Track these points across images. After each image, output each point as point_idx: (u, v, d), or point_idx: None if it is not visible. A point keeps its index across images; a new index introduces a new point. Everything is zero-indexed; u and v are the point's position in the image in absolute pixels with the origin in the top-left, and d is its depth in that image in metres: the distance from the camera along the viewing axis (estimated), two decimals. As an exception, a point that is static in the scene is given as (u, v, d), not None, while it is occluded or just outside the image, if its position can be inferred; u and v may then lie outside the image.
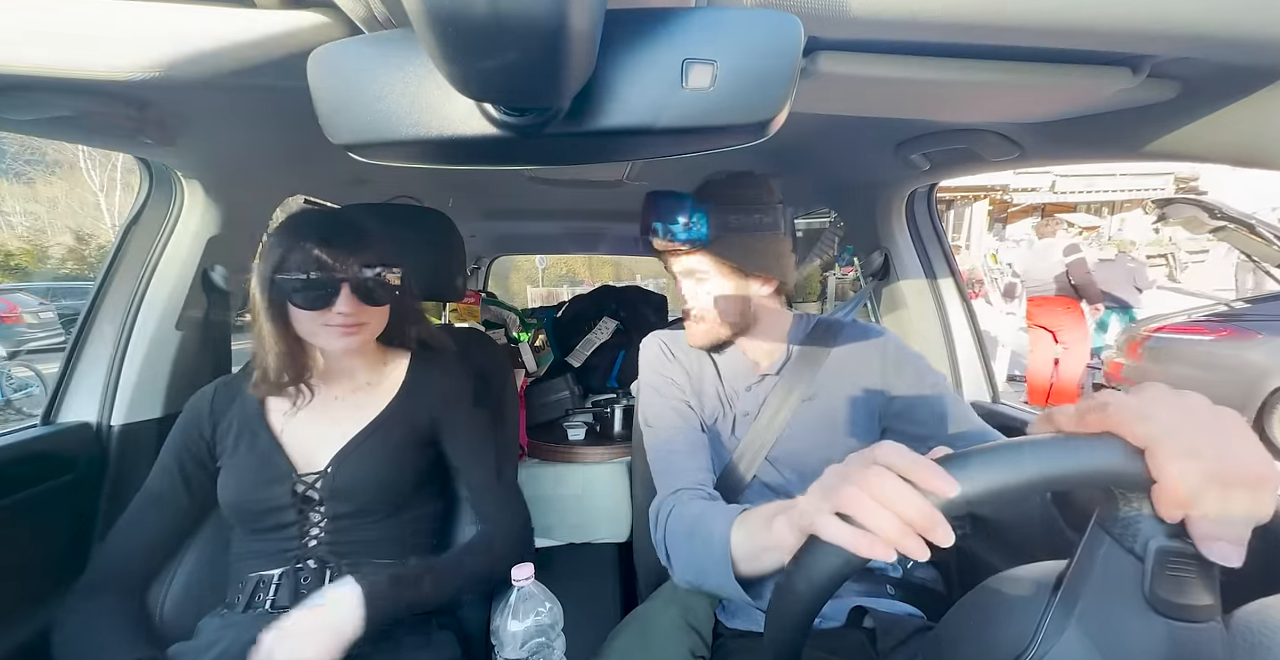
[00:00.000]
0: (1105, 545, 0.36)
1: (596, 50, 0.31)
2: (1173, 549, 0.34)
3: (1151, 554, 0.34)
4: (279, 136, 0.88)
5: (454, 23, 0.26)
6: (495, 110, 0.34)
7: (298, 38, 0.42)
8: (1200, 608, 0.34)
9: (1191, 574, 0.34)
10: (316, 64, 0.35)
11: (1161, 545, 0.34)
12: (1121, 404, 0.34)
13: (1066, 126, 0.68)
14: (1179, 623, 0.34)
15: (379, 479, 0.80)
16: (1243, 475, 0.32)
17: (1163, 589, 0.34)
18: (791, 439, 0.82)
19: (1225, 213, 3.01)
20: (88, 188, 17.43)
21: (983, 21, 0.41)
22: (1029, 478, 0.34)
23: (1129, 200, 14.07)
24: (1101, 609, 0.36)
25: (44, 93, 0.56)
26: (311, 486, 0.78)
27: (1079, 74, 0.52)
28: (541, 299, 7.95)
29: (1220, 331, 3.44)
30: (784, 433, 0.82)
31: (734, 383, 0.87)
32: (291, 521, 0.77)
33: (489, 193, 1.72)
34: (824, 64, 0.50)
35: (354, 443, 0.80)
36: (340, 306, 0.73)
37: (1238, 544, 0.32)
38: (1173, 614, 0.34)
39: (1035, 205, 14.05)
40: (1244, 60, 0.46)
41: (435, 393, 0.88)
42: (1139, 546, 0.35)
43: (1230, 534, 0.32)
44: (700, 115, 0.34)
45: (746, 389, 0.86)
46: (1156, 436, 0.33)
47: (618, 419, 1.53)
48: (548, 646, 0.73)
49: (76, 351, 0.94)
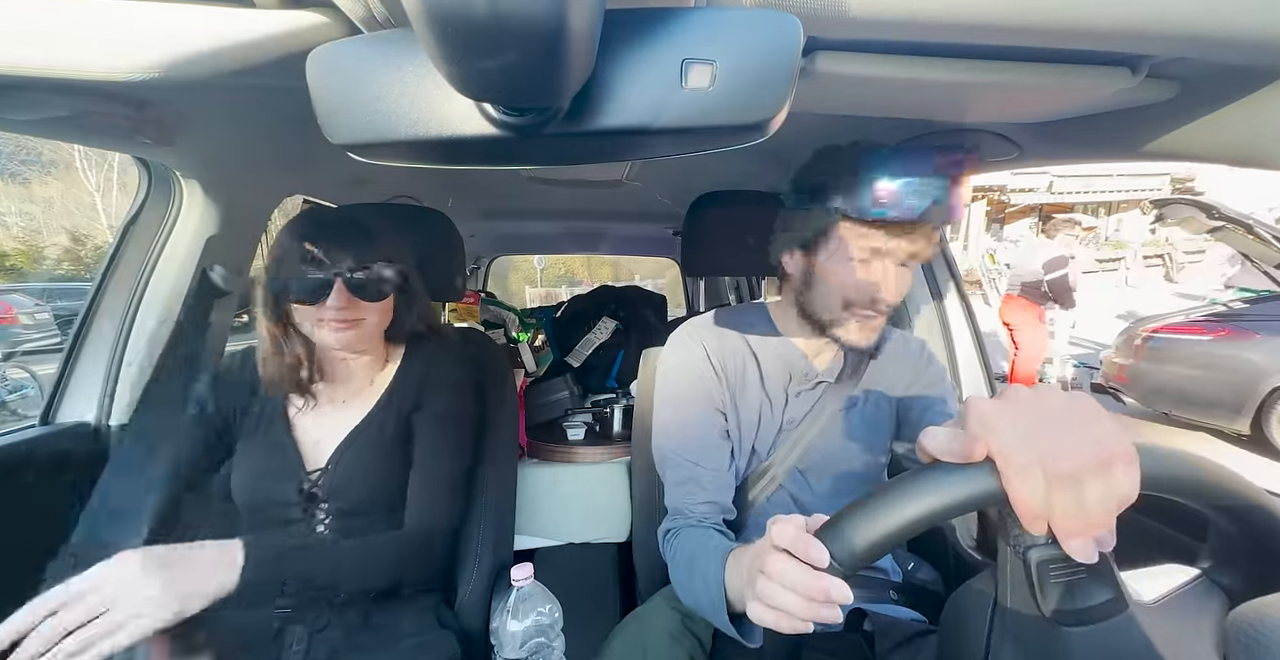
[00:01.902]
0: (1010, 561, 0.37)
1: (596, 50, 0.31)
2: (1051, 557, 0.34)
3: (1034, 567, 0.35)
4: (278, 136, 0.88)
5: (453, 22, 0.26)
6: (494, 110, 0.34)
7: (297, 37, 0.42)
8: (1100, 606, 0.34)
9: (1080, 576, 0.34)
10: (315, 64, 0.35)
11: (1041, 556, 0.34)
12: (977, 419, 0.34)
13: (1065, 126, 0.68)
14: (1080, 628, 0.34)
15: (373, 476, 0.80)
16: (1084, 466, 0.31)
17: (1056, 599, 0.34)
18: (822, 447, 0.79)
19: (1223, 213, 3.01)
20: (84, 188, 17.30)
21: (982, 22, 0.41)
22: (898, 525, 0.35)
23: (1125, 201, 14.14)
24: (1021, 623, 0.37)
25: (43, 93, 0.56)
26: (316, 484, 0.79)
27: (1078, 74, 0.52)
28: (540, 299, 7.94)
29: (1219, 331, 3.43)
30: (817, 440, 0.78)
31: (784, 387, 0.80)
32: (298, 518, 0.78)
33: (488, 193, 1.72)
34: (823, 64, 0.50)
35: (348, 440, 0.81)
36: (333, 301, 0.73)
37: (1098, 534, 0.32)
38: (1072, 622, 0.34)
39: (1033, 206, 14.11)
40: (1243, 60, 0.46)
41: (418, 386, 0.87)
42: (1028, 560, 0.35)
43: (1086, 528, 0.31)
44: (700, 115, 0.34)
45: (797, 394, 0.80)
46: (998, 452, 0.32)
47: (617, 419, 1.53)
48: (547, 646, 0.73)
49: (75, 351, 0.94)
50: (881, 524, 0.35)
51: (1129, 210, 14.11)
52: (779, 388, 0.80)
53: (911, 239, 0.67)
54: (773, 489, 0.79)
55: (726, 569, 0.58)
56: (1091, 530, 0.32)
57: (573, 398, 1.60)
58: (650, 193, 1.59)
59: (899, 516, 0.35)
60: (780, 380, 0.80)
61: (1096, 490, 0.31)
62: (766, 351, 0.81)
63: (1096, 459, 0.31)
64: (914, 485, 0.35)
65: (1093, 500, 0.31)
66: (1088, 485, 0.31)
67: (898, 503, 0.35)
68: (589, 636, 0.79)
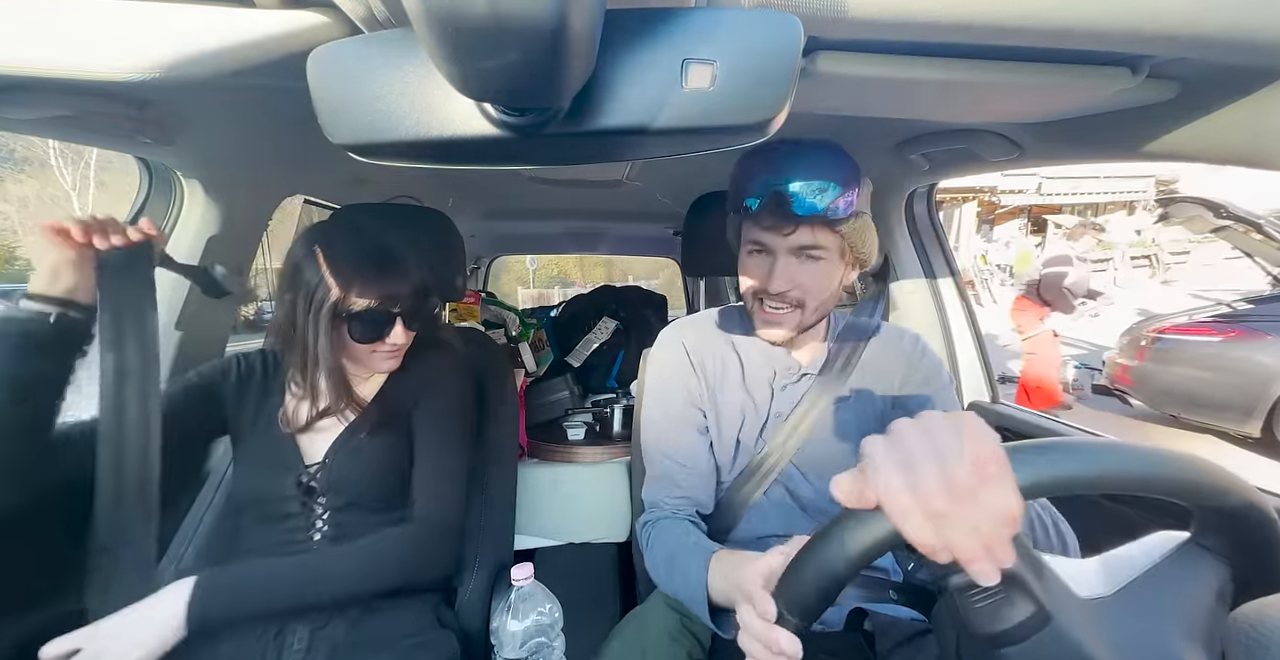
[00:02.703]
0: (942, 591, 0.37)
1: (596, 50, 0.31)
2: (965, 583, 0.34)
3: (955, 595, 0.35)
4: (279, 136, 0.88)
5: (454, 23, 0.26)
6: (495, 110, 0.34)
7: (298, 37, 0.42)
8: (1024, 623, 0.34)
9: (997, 596, 0.34)
10: (316, 64, 0.35)
11: (957, 583, 0.35)
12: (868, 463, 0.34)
13: (1066, 126, 0.68)
14: (1013, 648, 0.34)
15: (370, 470, 0.81)
16: (957, 498, 0.31)
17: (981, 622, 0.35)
18: (817, 443, 0.80)
19: (1232, 212, 2.92)
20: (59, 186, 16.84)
21: (982, 22, 0.41)
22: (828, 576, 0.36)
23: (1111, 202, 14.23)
24: (969, 648, 0.37)
25: (44, 93, 0.56)
26: (314, 478, 0.79)
27: (1079, 74, 0.52)
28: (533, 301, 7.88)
29: (1228, 332, 3.34)
30: (811, 436, 0.79)
31: (768, 381, 0.82)
32: (296, 512, 0.79)
33: (489, 193, 1.72)
34: (823, 64, 0.50)
35: (345, 435, 0.82)
36: (395, 338, 0.77)
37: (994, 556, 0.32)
38: (1004, 642, 0.34)
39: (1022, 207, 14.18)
40: (1243, 60, 0.46)
41: (415, 382, 0.88)
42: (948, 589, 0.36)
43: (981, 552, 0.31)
44: (700, 115, 0.34)
45: (783, 388, 0.82)
46: (881, 498, 0.33)
47: (617, 419, 1.53)
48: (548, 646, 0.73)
49: (76, 351, 0.94)
50: (812, 575, 0.36)
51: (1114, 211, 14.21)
52: (764, 382, 0.82)
53: (793, 234, 0.69)
54: (768, 485, 0.80)
55: (710, 570, 0.62)
56: (987, 554, 0.31)
57: (573, 398, 1.60)
58: (651, 193, 1.59)
59: (827, 568, 0.36)
60: (765, 375, 0.82)
61: (975, 517, 0.31)
62: (749, 349, 0.84)
63: (965, 488, 0.31)
64: (831, 535, 0.36)
65: (978, 526, 0.31)
66: (965, 515, 0.31)
67: (822, 553, 0.36)
68: (589, 636, 0.79)
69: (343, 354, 0.79)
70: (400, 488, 0.84)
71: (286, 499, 0.78)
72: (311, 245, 0.76)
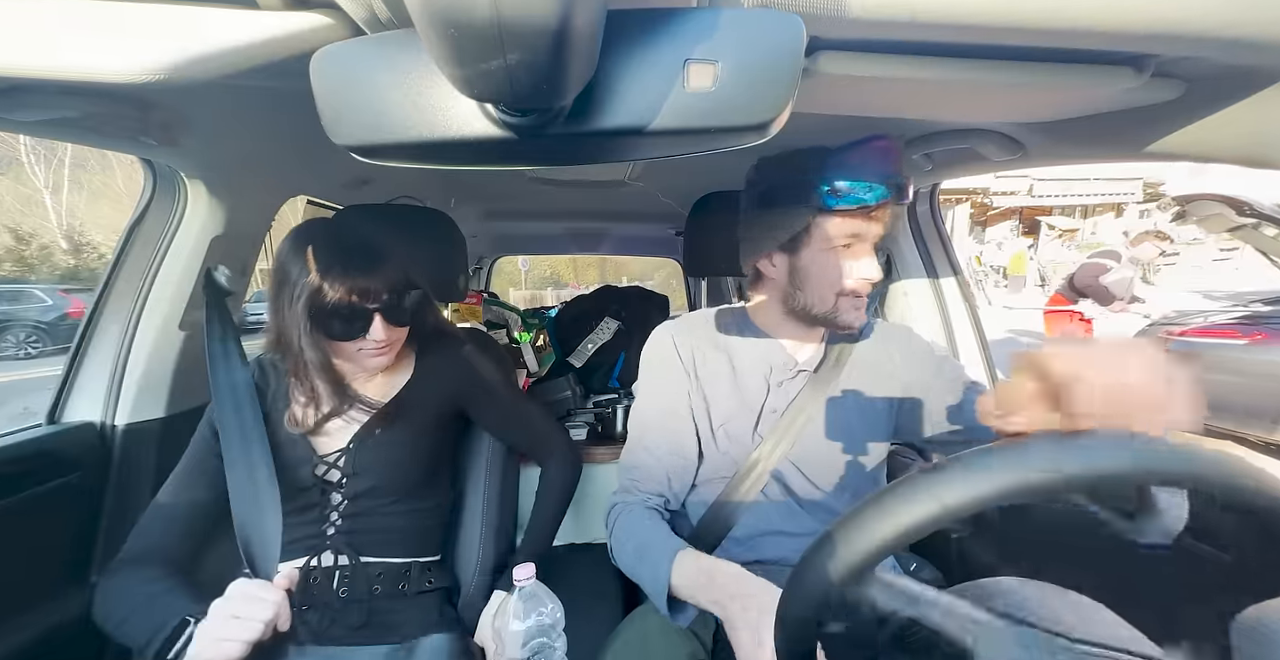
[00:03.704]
0: None
1: (598, 51, 0.31)
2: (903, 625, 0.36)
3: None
4: (282, 137, 0.88)
5: (456, 24, 0.26)
6: (497, 111, 0.34)
7: (301, 39, 0.42)
8: None
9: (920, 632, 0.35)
10: (319, 65, 0.35)
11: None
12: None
13: (1070, 126, 0.67)
14: None
15: (396, 458, 0.83)
16: None
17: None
18: (813, 439, 0.80)
19: (1257, 210, 2.71)
20: (31, 186, 16.68)
21: (985, 21, 0.41)
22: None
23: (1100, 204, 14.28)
24: None
25: (49, 95, 0.56)
26: (334, 466, 0.81)
27: (1082, 74, 0.52)
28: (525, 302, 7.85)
29: (1254, 335, 3.18)
30: (806, 431, 0.80)
31: (764, 377, 0.83)
32: (314, 503, 0.80)
33: (491, 193, 1.72)
34: (826, 64, 0.50)
35: (372, 424, 0.83)
36: (375, 334, 0.76)
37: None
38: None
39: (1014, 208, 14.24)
40: (1248, 60, 0.46)
41: (450, 374, 0.90)
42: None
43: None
44: (702, 115, 0.34)
45: (779, 384, 0.82)
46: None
47: (619, 419, 1.53)
48: (549, 647, 0.73)
49: (81, 351, 0.94)
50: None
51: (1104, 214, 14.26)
52: (758, 378, 0.83)
53: (881, 220, 0.73)
54: (764, 482, 0.80)
55: (675, 563, 0.68)
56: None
57: (575, 398, 1.60)
58: (652, 193, 1.59)
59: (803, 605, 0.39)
60: (760, 372, 0.83)
61: None
62: (742, 346, 0.84)
63: None
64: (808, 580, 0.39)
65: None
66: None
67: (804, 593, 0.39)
68: (590, 636, 0.79)
69: (331, 352, 0.78)
70: (422, 480, 0.86)
71: (304, 491, 0.79)
72: (292, 244, 0.76)
